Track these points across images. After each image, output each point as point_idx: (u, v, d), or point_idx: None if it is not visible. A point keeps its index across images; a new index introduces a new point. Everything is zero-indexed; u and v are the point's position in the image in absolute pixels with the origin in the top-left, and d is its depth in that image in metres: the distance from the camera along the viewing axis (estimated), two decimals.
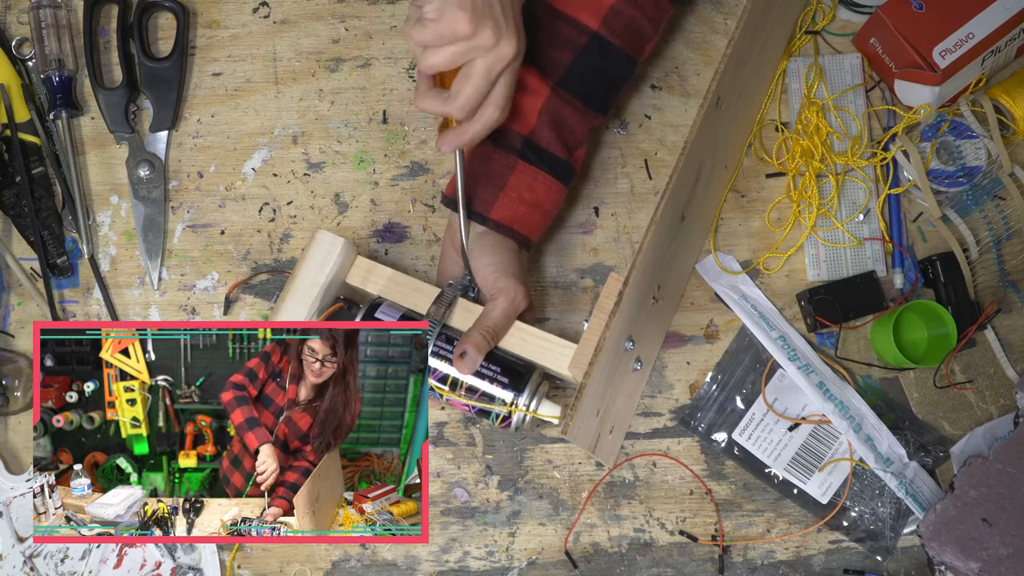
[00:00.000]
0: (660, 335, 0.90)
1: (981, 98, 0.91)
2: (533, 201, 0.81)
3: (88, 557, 0.85)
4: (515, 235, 0.81)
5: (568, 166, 0.82)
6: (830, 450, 0.87)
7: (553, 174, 0.81)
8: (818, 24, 0.95)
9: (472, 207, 0.81)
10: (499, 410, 0.78)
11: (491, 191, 0.80)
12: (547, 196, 0.82)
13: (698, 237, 0.91)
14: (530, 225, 0.82)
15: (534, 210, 0.81)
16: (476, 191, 0.81)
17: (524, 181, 0.81)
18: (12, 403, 0.86)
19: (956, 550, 0.80)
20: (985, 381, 0.90)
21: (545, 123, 0.81)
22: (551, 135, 0.81)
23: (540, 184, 0.81)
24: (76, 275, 0.90)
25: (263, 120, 0.93)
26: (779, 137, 0.93)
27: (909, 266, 0.91)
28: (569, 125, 0.82)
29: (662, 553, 0.87)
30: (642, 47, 0.84)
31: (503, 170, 0.81)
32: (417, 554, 0.86)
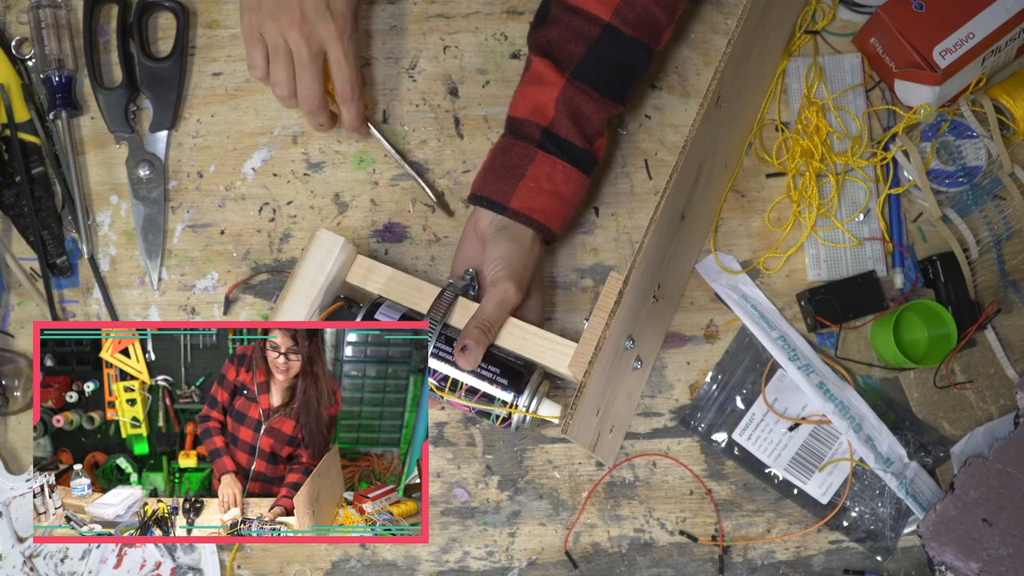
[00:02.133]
0: (660, 335, 0.90)
1: (981, 98, 0.91)
2: (552, 190, 0.81)
3: (88, 557, 0.85)
4: (534, 224, 0.81)
5: (588, 155, 0.83)
6: (830, 450, 0.87)
7: (573, 163, 0.82)
8: (818, 24, 0.95)
9: (491, 198, 0.81)
10: (499, 411, 0.78)
11: (510, 181, 0.81)
12: (567, 185, 0.82)
13: (698, 237, 0.90)
14: (550, 215, 0.82)
15: (553, 199, 0.82)
16: (495, 182, 0.82)
17: (543, 171, 0.81)
18: (12, 403, 0.86)
19: (956, 550, 0.80)
20: (985, 381, 0.90)
21: (563, 113, 0.81)
22: (569, 125, 0.81)
23: (559, 173, 0.81)
24: (76, 275, 0.90)
25: (263, 120, 0.93)
26: (779, 137, 0.93)
27: (909, 266, 0.91)
28: (586, 114, 0.82)
29: (662, 553, 0.87)
30: (658, 36, 0.85)
31: (522, 160, 0.81)
32: (417, 554, 0.86)
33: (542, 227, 0.81)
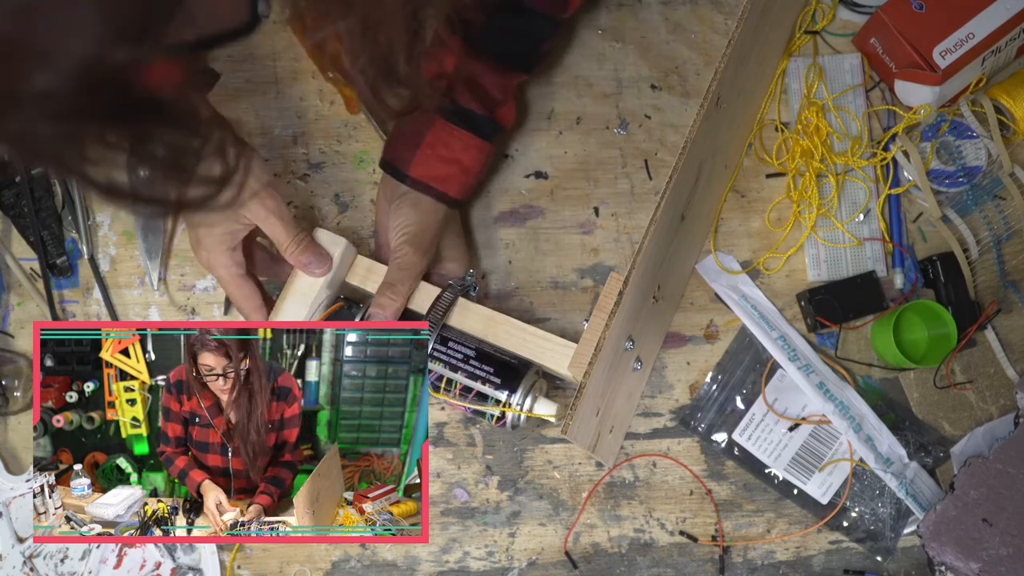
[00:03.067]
0: (660, 335, 0.89)
1: (981, 98, 0.91)
2: (451, 158, 0.81)
3: (88, 557, 0.85)
4: (432, 192, 0.81)
5: (489, 121, 0.82)
6: (830, 450, 0.87)
7: (472, 130, 0.82)
8: (818, 24, 0.95)
9: (393, 164, 0.82)
10: (492, 410, 0.78)
11: (410, 148, 0.81)
12: (466, 153, 0.82)
13: (698, 237, 0.90)
14: (450, 183, 0.82)
15: (452, 167, 0.81)
16: (398, 148, 0.82)
17: (440, 138, 0.81)
18: (12, 403, 0.86)
19: (956, 550, 0.80)
20: (985, 381, 0.90)
21: (460, 81, 0.81)
22: (467, 93, 0.81)
23: (457, 140, 0.81)
24: (76, 275, 0.90)
25: (263, 120, 0.93)
26: (779, 137, 0.93)
27: (909, 266, 0.91)
28: (484, 84, 0.82)
29: (662, 553, 0.87)
30: (563, 4, 0.84)
31: (422, 127, 0.81)
32: (417, 554, 0.86)
33: (441, 195, 0.81)
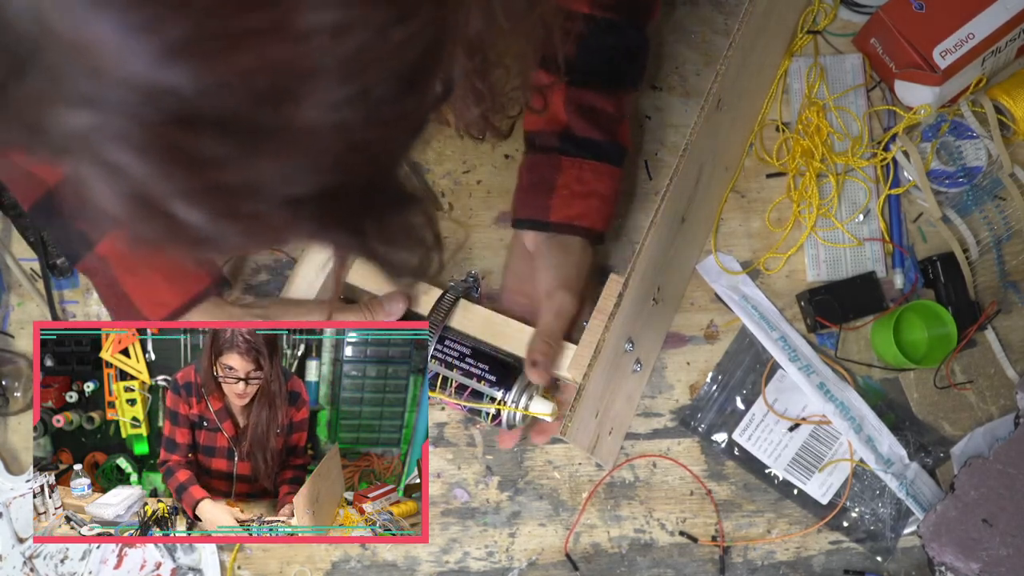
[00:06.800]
0: (660, 336, 0.89)
1: (981, 98, 0.91)
2: (587, 192, 0.80)
3: (88, 557, 0.85)
4: (579, 231, 0.80)
5: (612, 146, 0.82)
6: (830, 451, 0.87)
7: (599, 159, 0.81)
8: (819, 24, 0.95)
9: (531, 219, 0.81)
10: (488, 408, 0.78)
11: (544, 196, 0.80)
12: (599, 182, 0.81)
13: (698, 238, 0.90)
14: (593, 216, 0.81)
15: (591, 200, 0.81)
16: (530, 201, 0.81)
17: (572, 175, 0.80)
18: (12, 403, 0.86)
19: (956, 551, 0.80)
20: (985, 381, 0.90)
21: (573, 113, 0.80)
22: (583, 123, 0.80)
23: (588, 173, 0.81)
24: (76, 275, 0.90)
25: None
26: (780, 137, 0.93)
27: (909, 266, 0.91)
28: (597, 108, 0.81)
29: (662, 554, 0.87)
30: (650, 11, 0.83)
31: (549, 172, 0.81)
32: (417, 554, 0.86)
33: (587, 231, 0.81)
